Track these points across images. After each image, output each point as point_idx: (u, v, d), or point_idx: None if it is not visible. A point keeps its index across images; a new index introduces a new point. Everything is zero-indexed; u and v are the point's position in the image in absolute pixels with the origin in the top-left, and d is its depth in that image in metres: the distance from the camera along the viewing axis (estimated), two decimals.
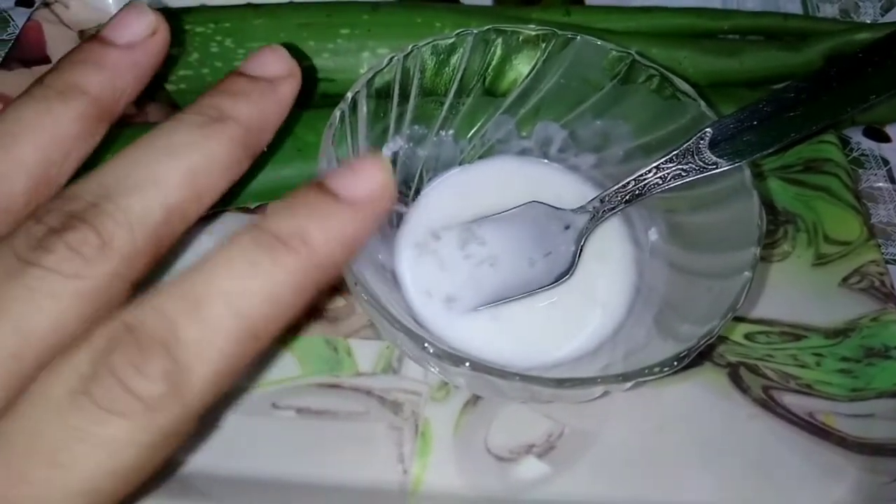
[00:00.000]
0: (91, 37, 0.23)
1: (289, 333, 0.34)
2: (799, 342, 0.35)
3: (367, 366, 0.33)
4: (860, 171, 0.43)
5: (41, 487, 0.17)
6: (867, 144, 0.44)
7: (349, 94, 0.28)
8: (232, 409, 0.32)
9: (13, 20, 0.45)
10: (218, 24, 0.39)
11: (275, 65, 0.24)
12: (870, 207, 0.41)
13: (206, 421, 0.30)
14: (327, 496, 0.30)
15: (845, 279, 0.37)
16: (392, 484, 0.31)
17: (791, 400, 0.34)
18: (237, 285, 0.18)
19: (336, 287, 0.35)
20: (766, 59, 0.42)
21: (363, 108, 0.30)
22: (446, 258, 0.33)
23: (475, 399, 0.33)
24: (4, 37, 0.45)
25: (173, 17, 0.31)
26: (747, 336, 0.35)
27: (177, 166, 0.20)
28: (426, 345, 0.25)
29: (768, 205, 0.39)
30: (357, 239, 0.21)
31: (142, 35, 0.23)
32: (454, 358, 0.25)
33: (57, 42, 0.41)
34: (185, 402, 0.18)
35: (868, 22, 0.48)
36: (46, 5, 0.41)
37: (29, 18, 0.41)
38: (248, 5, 0.40)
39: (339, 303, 0.35)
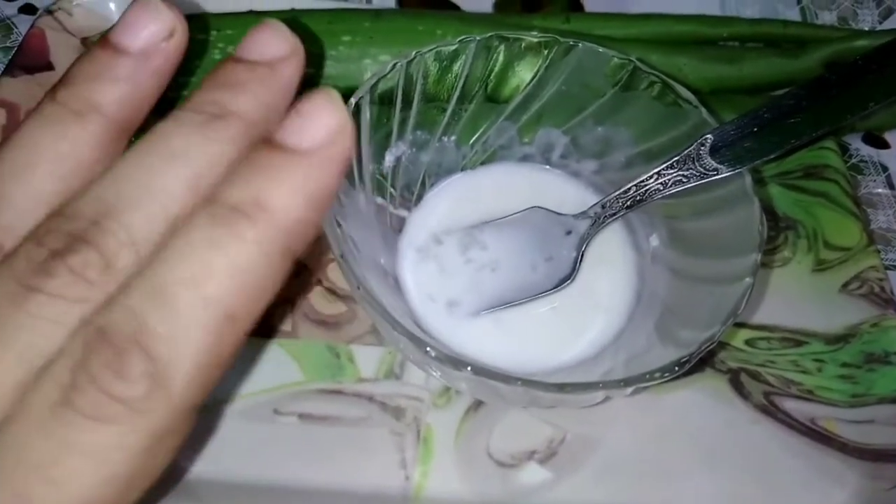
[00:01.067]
0: (101, 39, 0.21)
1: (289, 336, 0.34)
2: (799, 348, 0.35)
3: (369, 371, 0.33)
4: (859, 177, 0.43)
5: None
6: (866, 151, 0.44)
7: (353, 100, 0.29)
8: (233, 414, 0.32)
9: (16, 27, 0.46)
10: (220, 32, 0.39)
11: (273, 45, 0.21)
12: (869, 213, 0.41)
13: (203, 419, 0.29)
14: (329, 502, 0.30)
15: (845, 285, 0.37)
16: (394, 490, 0.31)
17: (792, 406, 0.34)
18: (201, 269, 0.17)
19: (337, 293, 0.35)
20: (765, 66, 0.42)
21: (366, 114, 0.30)
22: (448, 263, 0.33)
23: (477, 405, 0.33)
24: (8, 44, 0.45)
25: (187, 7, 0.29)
26: (748, 342, 0.35)
27: (178, 174, 0.19)
28: (428, 349, 0.25)
29: (768, 211, 0.39)
30: (321, 191, 0.19)
31: (158, 38, 0.21)
32: (456, 362, 0.25)
33: (60, 49, 0.41)
34: (171, 400, 0.17)
35: (866, 29, 0.48)
36: (49, 13, 0.41)
37: (32, 26, 0.41)
38: (251, 12, 0.40)
39: (340, 308, 0.35)
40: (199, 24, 0.39)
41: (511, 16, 0.45)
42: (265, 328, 0.34)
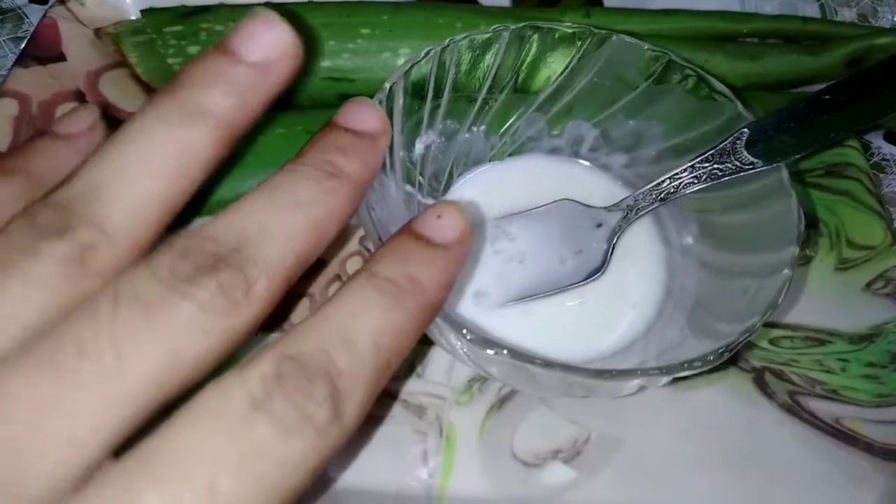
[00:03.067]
0: (220, 44, 0.22)
1: None
2: (823, 347, 0.35)
3: None
4: (881, 175, 0.43)
5: (229, 500, 0.17)
6: (888, 149, 0.44)
7: (387, 85, 0.28)
8: None
9: (27, 17, 0.45)
10: (237, 23, 0.38)
11: (374, 119, 0.24)
12: (891, 212, 0.41)
13: None
14: (352, 500, 0.29)
15: (869, 284, 0.37)
16: (417, 488, 0.30)
17: (817, 405, 0.33)
18: (375, 324, 0.21)
19: None
20: (787, 63, 0.42)
21: (399, 100, 0.29)
22: (476, 254, 0.32)
23: (500, 403, 0.32)
24: (19, 34, 0.44)
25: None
26: (772, 341, 0.35)
27: (305, 217, 0.21)
28: (464, 331, 0.24)
29: None
30: (453, 277, 0.23)
31: (276, 53, 0.22)
32: (494, 345, 0.24)
33: (72, 40, 0.40)
34: (343, 427, 0.19)
35: (887, 27, 0.48)
36: (62, 3, 0.41)
37: (44, 16, 0.40)
38: (267, 4, 0.40)
39: None
40: (217, 16, 0.39)
41: (530, 10, 0.44)
42: (285, 323, 0.34)
